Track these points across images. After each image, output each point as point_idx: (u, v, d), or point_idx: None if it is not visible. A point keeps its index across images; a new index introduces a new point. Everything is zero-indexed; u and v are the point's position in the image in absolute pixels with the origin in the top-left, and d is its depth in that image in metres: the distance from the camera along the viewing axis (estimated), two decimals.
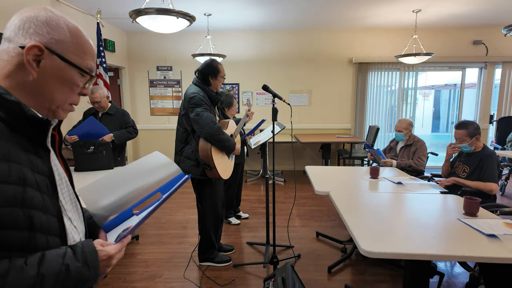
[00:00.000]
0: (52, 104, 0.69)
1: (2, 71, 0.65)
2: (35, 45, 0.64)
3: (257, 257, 2.74)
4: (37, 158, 0.66)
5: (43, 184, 0.64)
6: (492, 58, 5.49)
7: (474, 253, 1.37)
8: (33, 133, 0.65)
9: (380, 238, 1.51)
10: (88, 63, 0.72)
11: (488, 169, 2.40)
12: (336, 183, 2.49)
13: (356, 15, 4.65)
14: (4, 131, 0.60)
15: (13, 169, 0.58)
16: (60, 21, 0.68)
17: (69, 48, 0.68)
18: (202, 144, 2.25)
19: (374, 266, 2.56)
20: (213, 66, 2.33)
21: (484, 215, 1.80)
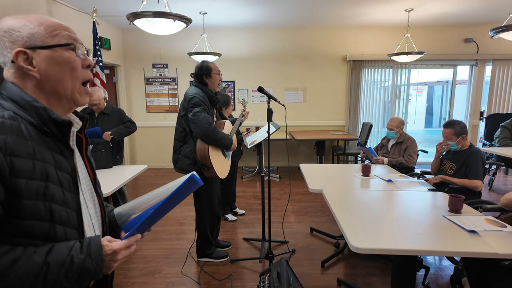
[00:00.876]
0: (67, 91, 0.75)
1: (21, 87, 0.73)
2: (16, 51, 0.70)
3: (253, 252, 2.83)
4: (62, 157, 0.73)
5: (65, 181, 0.72)
6: (482, 56, 5.61)
7: (455, 248, 1.47)
8: (58, 134, 0.73)
9: (369, 234, 1.60)
10: (64, 34, 0.75)
11: (473, 167, 2.51)
12: (329, 181, 2.58)
13: (350, 13, 4.72)
14: (33, 133, 0.69)
15: (37, 166, 0.66)
16: (20, 20, 0.72)
17: (42, 35, 0.72)
18: (199, 144, 2.32)
19: (365, 260, 2.66)
20: (204, 66, 2.40)
21: (468, 212, 1.91)
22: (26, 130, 0.67)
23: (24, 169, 0.64)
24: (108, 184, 2.31)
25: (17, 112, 0.69)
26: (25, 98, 0.71)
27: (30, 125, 0.69)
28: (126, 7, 4.26)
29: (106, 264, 0.72)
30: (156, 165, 5.94)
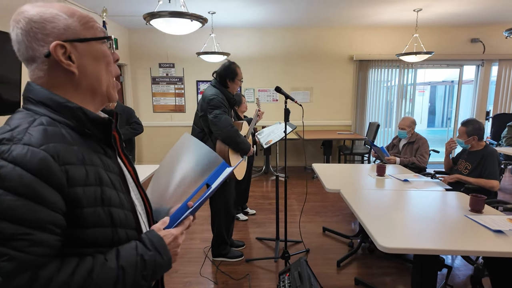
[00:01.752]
0: (103, 87, 0.71)
1: (49, 84, 0.66)
2: (55, 44, 0.63)
3: (267, 252, 2.83)
4: (107, 158, 0.70)
5: (116, 182, 0.69)
6: (488, 56, 5.62)
7: (483, 247, 1.47)
8: (99, 135, 0.69)
9: (395, 234, 1.61)
10: (97, 27, 0.71)
11: (489, 167, 2.52)
12: (344, 181, 2.58)
13: (358, 13, 4.72)
14: (75, 137, 0.65)
15: (89, 172, 0.63)
16: (49, 9, 0.65)
17: (77, 28, 0.66)
18: (219, 145, 2.32)
19: (380, 260, 2.67)
20: (232, 69, 2.39)
21: (489, 212, 1.91)
22: (68, 135, 0.64)
23: (78, 176, 0.61)
24: None
25: (52, 117, 0.64)
26: (57, 100, 0.65)
27: (70, 129, 0.65)
28: (133, 7, 4.25)
29: (171, 252, 0.73)
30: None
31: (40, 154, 0.56)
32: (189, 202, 0.87)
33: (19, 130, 0.59)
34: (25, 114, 0.63)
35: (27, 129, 0.59)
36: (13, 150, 0.55)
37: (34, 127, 0.60)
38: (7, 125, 0.61)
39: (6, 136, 0.57)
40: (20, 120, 0.62)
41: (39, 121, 0.62)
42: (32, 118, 0.62)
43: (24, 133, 0.58)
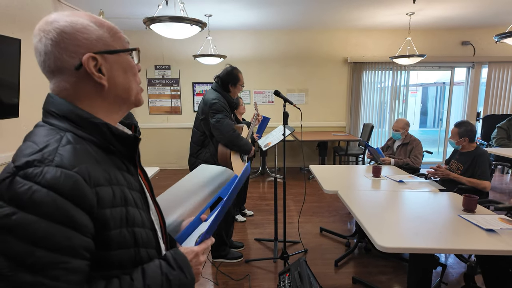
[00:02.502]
0: (132, 96, 0.70)
1: (74, 97, 0.64)
2: (87, 57, 0.62)
3: (266, 252, 2.88)
4: (129, 175, 0.68)
5: (138, 200, 0.67)
6: (479, 58, 5.76)
7: (476, 246, 1.54)
8: (123, 151, 0.67)
9: (392, 234, 1.67)
10: (124, 38, 0.70)
11: (481, 168, 2.61)
12: (341, 182, 2.64)
13: (352, 16, 4.80)
14: (100, 154, 0.62)
15: (116, 192, 0.61)
16: (80, 20, 0.63)
17: (107, 39, 0.65)
18: (221, 149, 2.36)
19: (376, 259, 2.73)
20: (234, 74, 2.43)
21: (481, 211, 1.99)
22: (94, 153, 0.61)
23: (107, 198, 0.59)
24: None
25: (76, 133, 0.61)
26: (81, 114, 0.62)
27: (94, 145, 0.63)
28: (129, 9, 4.26)
29: (194, 271, 0.72)
30: (158, 167, 5.94)
31: (73, 177, 0.55)
32: (202, 215, 0.87)
33: (49, 151, 0.56)
34: (49, 131, 0.61)
35: (57, 149, 0.57)
36: (46, 173, 0.53)
37: (64, 147, 0.57)
38: (33, 143, 0.58)
39: (36, 157, 0.55)
40: (46, 138, 0.59)
41: (66, 139, 0.59)
42: (58, 136, 0.59)
43: (55, 154, 0.56)
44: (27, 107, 3.11)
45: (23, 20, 3.12)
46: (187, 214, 0.91)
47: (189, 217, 0.90)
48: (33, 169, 0.53)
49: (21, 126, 3.02)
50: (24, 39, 3.05)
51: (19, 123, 2.98)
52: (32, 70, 3.22)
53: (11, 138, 2.94)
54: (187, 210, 0.91)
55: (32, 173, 0.53)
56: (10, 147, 2.91)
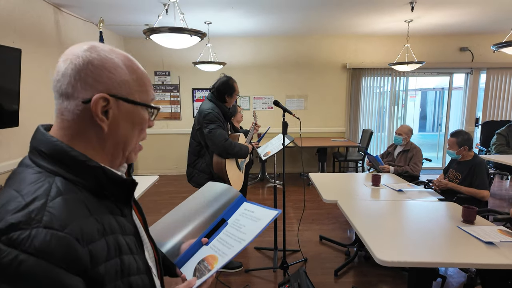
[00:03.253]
0: (126, 151, 0.65)
1: (71, 131, 0.59)
2: (100, 96, 0.57)
3: (266, 261, 2.87)
4: (123, 218, 0.63)
5: (132, 245, 0.63)
6: (477, 64, 5.78)
7: (476, 260, 1.54)
8: (118, 195, 0.62)
9: (391, 246, 1.67)
10: (152, 94, 0.66)
11: (479, 177, 2.61)
12: (340, 191, 2.64)
13: (351, 23, 4.83)
14: (92, 200, 0.57)
15: (109, 243, 0.56)
16: (114, 59, 0.60)
17: (132, 87, 0.62)
18: (216, 159, 2.39)
19: (376, 268, 2.73)
20: (230, 85, 2.46)
21: (480, 222, 1.99)
22: (86, 200, 0.56)
23: (100, 253, 0.53)
24: None
25: (66, 177, 0.56)
26: (76, 157, 0.57)
27: (86, 190, 0.57)
28: (130, 16, 4.28)
29: None
30: (158, 172, 5.94)
31: (65, 239, 0.49)
32: (203, 238, 0.85)
33: (37, 208, 0.49)
34: (36, 175, 0.54)
35: (45, 204, 0.50)
36: (34, 238, 0.46)
37: (53, 200, 0.51)
38: (18, 193, 0.51)
39: (22, 218, 0.48)
40: (33, 186, 0.52)
41: (55, 189, 0.53)
42: (47, 185, 0.53)
43: (44, 212, 0.49)
44: (27, 116, 3.12)
45: (24, 29, 3.14)
46: (187, 236, 0.89)
47: (189, 239, 0.88)
48: (19, 233, 0.46)
49: (21, 134, 3.03)
50: (24, 48, 3.08)
51: (18, 131, 2.99)
52: (32, 80, 3.23)
53: (12, 146, 2.94)
54: (188, 232, 0.89)
55: (18, 238, 0.46)
56: (11, 156, 2.92)
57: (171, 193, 4.93)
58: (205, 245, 0.87)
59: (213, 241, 0.86)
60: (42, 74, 3.39)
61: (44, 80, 3.43)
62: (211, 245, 0.86)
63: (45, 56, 3.45)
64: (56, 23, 3.69)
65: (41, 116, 3.36)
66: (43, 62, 3.41)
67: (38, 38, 3.35)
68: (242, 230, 0.85)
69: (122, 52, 0.64)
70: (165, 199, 4.65)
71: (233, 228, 0.87)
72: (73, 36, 4.03)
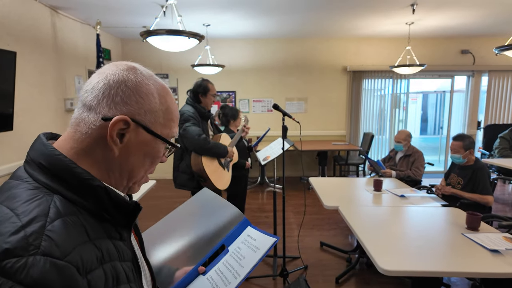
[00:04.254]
0: (131, 181, 0.61)
1: (81, 145, 0.55)
2: (121, 118, 0.54)
3: (265, 268, 2.81)
4: (121, 242, 0.59)
5: (129, 272, 0.58)
6: (478, 67, 5.74)
7: (481, 269, 1.49)
8: (119, 219, 0.58)
9: (394, 255, 1.61)
10: (175, 131, 0.63)
11: (482, 182, 2.55)
12: (341, 197, 2.59)
13: (351, 25, 4.79)
14: (92, 224, 0.53)
15: (107, 272, 0.51)
16: (150, 86, 0.58)
17: (158, 118, 0.59)
18: (193, 157, 2.40)
19: (378, 275, 2.66)
20: (203, 85, 2.50)
21: (485, 229, 1.93)
22: (86, 222, 0.51)
23: (98, 284, 0.49)
24: None
25: (65, 195, 0.51)
26: (79, 175, 0.52)
27: (85, 211, 0.53)
28: (127, 18, 4.25)
29: None
30: (155, 177, 5.88)
31: (65, 269, 0.44)
32: (200, 267, 0.78)
33: (35, 232, 0.44)
34: (32, 192, 0.49)
35: (44, 227, 0.45)
36: (31, 267, 0.41)
37: (53, 223, 0.46)
38: (13, 212, 0.46)
39: (18, 243, 0.42)
40: (29, 205, 0.47)
41: (54, 210, 0.48)
42: (45, 203, 0.48)
43: (42, 236, 0.44)
44: (22, 120, 3.07)
45: (20, 31, 3.10)
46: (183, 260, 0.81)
47: (185, 263, 0.80)
48: (14, 261, 0.41)
49: (15, 138, 2.98)
50: (20, 50, 3.03)
51: (13, 135, 2.94)
52: (27, 83, 3.19)
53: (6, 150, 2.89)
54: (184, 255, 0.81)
55: (13, 267, 0.41)
56: (5, 160, 2.87)
57: (169, 198, 4.87)
58: (202, 274, 0.80)
59: (211, 271, 0.79)
60: (37, 77, 3.35)
61: (40, 83, 3.39)
62: (208, 276, 0.79)
63: (41, 59, 3.41)
64: (52, 25, 3.65)
65: (36, 120, 3.32)
66: (39, 65, 3.37)
67: (34, 40, 3.31)
68: (242, 262, 0.78)
69: (161, 82, 0.62)
70: (162, 204, 4.59)
71: (233, 259, 0.80)
72: (70, 38, 3.99)
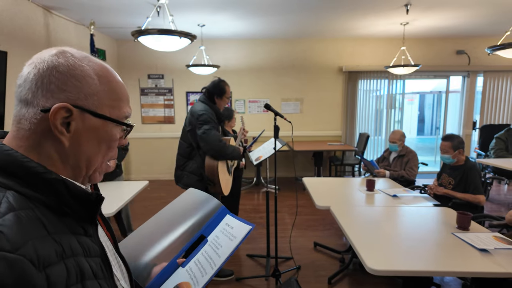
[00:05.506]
0: (90, 169, 0.58)
1: (27, 142, 0.53)
2: (61, 106, 0.51)
3: (258, 269, 2.80)
4: (87, 237, 0.56)
5: (97, 269, 0.56)
6: (474, 67, 5.75)
7: (469, 268, 1.48)
8: (81, 213, 0.55)
9: (383, 255, 1.60)
10: (126, 111, 0.61)
11: (473, 182, 2.55)
12: (334, 197, 2.58)
13: (346, 26, 4.79)
14: (51, 219, 0.50)
15: (69, 267, 0.49)
16: (84, 68, 0.55)
17: (102, 100, 0.56)
18: (209, 161, 2.33)
19: (371, 276, 2.64)
20: (220, 87, 2.44)
21: (475, 229, 1.93)
22: (44, 217, 0.49)
23: (59, 279, 0.47)
24: (110, 204, 2.26)
25: (20, 191, 0.49)
26: (33, 169, 0.50)
27: (43, 207, 0.50)
28: (121, 19, 4.24)
29: None
30: (150, 177, 5.86)
31: (18, 262, 0.42)
32: (179, 259, 0.77)
33: None
34: None
35: None
36: None
37: (3, 217, 0.45)
38: None
39: None
40: None
41: (6, 204, 0.46)
42: None
43: None
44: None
45: (12, 31, 3.08)
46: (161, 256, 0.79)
47: (163, 258, 0.79)
48: None
49: None
50: (12, 50, 3.02)
51: None
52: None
53: None
54: (162, 251, 0.79)
55: None
56: None
57: (162, 199, 4.85)
58: (181, 266, 0.78)
59: (190, 262, 0.78)
60: None
61: None
62: (187, 268, 0.77)
63: None
64: (46, 25, 3.63)
65: None
66: None
67: (26, 40, 3.29)
68: (219, 251, 0.77)
69: (99, 61, 0.58)
70: (155, 205, 4.57)
71: (211, 248, 0.79)
72: (63, 38, 3.97)
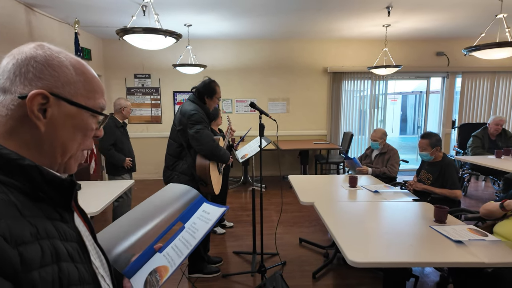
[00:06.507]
0: (65, 156, 0.60)
1: (3, 128, 0.55)
2: (38, 92, 0.54)
3: (244, 266, 2.84)
4: (63, 223, 0.58)
5: (75, 253, 0.57)
6: (453, 69, 5.96)
7: (445, 259, 1.56)
8: (55, 198, 0.57)
9: (364, 248, 1.67)
10: (100, 102, 0.64)
11: (450, 177, 2.67)
12: (318, 193, 2.64)
13: (331, 27, 4.89)
14: (25, 203, 0.52)
15: (44, 248, 0.50)
16: (61, 59, 0.58)
17: (78, 90, 0.59)
18: (200, 160, 2.33)
19: (355, 270, 2.73)
20: (211, 87, 2.43)
21: (452, 222, 2.02)
22: (18, 202, 0.51)
23: (34, 258, 0.48)
24: (96, 202, 2.25)
25: None
26: (6, 156, 0.52)
27: (18, 192, 0.52)
28: (107, 18, 4.20)
29: None
30: (137, 177, 5.81)
31: None
32: (156, 245, 0.78)
33: None
34: None
35: None
36: None
37: None
38: None
39: None
40: None
41: None
42: None
43: None
44: None
45: None
46: (139, 244, 0.81)
47: (141, 247, 0.81)
48: None
49: None
50: None
51: None
52: None
53: None
54: (139, 239, 0.81)
55: None
56: None
57: None
58: (158, 252, 0.80)
59: (167, 248, 0.80)
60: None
61: None
62: (164, 253, 0.79)
63: None
64: (28, 23, 3.57)
65: None
66: None
67: (8, 38, 3.23)
68: (195, 235, 0.79)
69: (75, 56, 0.62)
70: None
71: (188, 233, 0.81)
72: (47, 36, 3.91)
